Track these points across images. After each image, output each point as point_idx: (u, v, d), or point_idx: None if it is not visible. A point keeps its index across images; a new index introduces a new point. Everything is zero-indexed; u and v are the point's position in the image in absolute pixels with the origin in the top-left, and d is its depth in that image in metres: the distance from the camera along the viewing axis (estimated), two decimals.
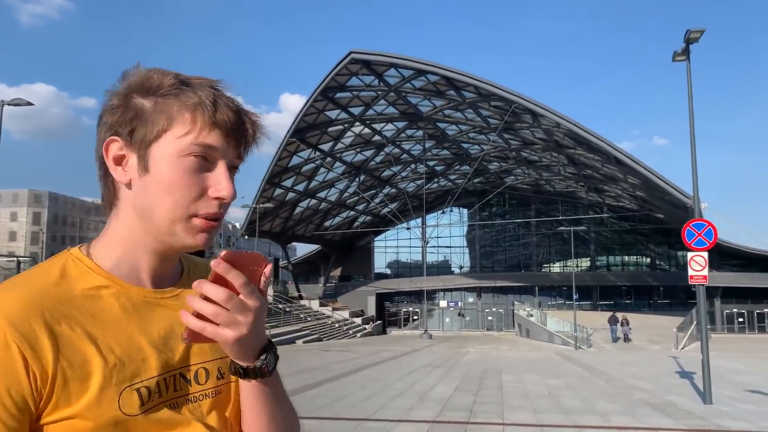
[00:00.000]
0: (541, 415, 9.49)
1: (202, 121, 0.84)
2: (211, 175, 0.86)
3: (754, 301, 48.89)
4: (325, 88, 37.41)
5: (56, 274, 0.84)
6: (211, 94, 0.86)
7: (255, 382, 0.88)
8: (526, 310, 50.49)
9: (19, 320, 0.75)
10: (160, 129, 0.84)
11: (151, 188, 0.85)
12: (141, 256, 0.89)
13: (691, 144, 12.86)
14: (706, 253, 11.71)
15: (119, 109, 0.86)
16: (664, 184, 33.18)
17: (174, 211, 0.85)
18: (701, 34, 12.46)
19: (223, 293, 0.78)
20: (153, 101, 0.85)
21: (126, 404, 0.79)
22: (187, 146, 0.84)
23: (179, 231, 0.86)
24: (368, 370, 17.07)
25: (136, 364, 0.83)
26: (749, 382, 14.37)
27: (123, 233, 0.89)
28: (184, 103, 0.85)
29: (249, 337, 0.81)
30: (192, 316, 0.79)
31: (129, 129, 0.85)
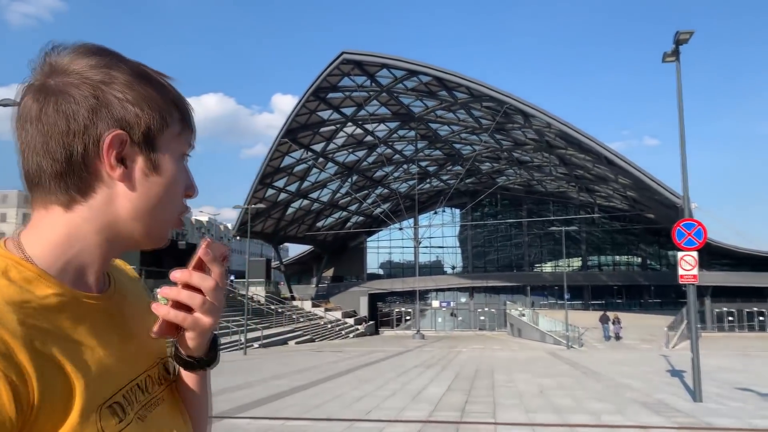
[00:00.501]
0: (533, 415, 9.54)
1: (187, 120, 0.83)
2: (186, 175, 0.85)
3: (743, 300, 49.31)
4: (317, 89, 37.39)
5: (4, 283, 0.69)
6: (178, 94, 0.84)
7: (199, 373, 0.90)
8: (518, 310, 50.66)
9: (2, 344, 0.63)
10: (163, 125, 0.79)
11: (157, 188, 0.79)
12: (92, 258, 0.78)
13: (680, 144, 12.96)
14: (696, 253, 11.81)
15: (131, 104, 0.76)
16: (655, 184, 33.39)
17: (171, 211, 0.82)
18: (690, 35, 12.57)
19: (210, 281, 0.78)
20: (157, 100, 0.78)
21: (106, 425, 0.70)
22: (182, 146, 0.83)
23: (164, 231, 0.83)
24: (361, 370, 17.08)
25: (105, 379, 0.73)
26: (738, 380, 14.50)
27: (79, 231, 0.77)
28: (173, 99, 0.81)
29: (217, 325, 0.82)
30: (169, 307, 0.78)
31: (133, 121, 0.76)
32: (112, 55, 0.79)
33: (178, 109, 0.81)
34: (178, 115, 0.81)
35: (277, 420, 8.96)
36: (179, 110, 0.82)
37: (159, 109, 0.78)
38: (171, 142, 0.81)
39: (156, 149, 0.79)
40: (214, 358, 0.89)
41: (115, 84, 0.76)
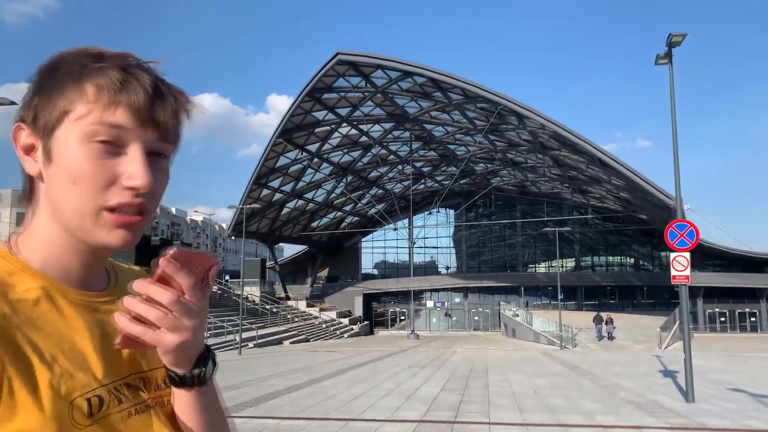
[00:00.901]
0: (527, 414, 9.59)
1: (105, 98, 0.73)
2: (123, 161, 0.75)
3: (735, 301, 49.58)
4: (312, 89, 37.40)
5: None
6: (120, 67, 0.75)
7: (190, 390, 0.81)
8: (512, 310, 50.78)
9: None
10: (61, 111, 0.74)
11: (56, 179, 0.74)
12: (68, 256, 0.78)
13: (673, 146, 13.06)
14: (688, 254, 11.89)
15: (27, 95, 0.77)
16: (647, 185, 33.57)
17: (80, 204, 0.74)
18: (683, 38, 12.66)
19: (170, 296, 0.71)
20: (56, 80, 0.75)
21: (77, 415, 0.69)
22: (90, 128, 0.73)
23: (89, 227, 0.75)
24: (355, 370, 17.11)
25: (82, 372, 0.73)
26: (730, 380, 14.60)
27: (45, 230, 0.78)
28: (88, 79, 0.74)
29: (190, 343, 0.75)
30: (129, 319, 0.72)
31: (33, 114, 0.76)
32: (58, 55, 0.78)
33: (89, 90, 0.74)
34: (92, 97, 0.74)
35: (271, 419, 8.98)
36: (89, 87, 0.74)
37: (55, 96, 0.74)
38: (72, 126, 0.73)
39: (51, 136, 0.74)
40: (199, 379, 0.80)
41: (32, 81, 0.77)
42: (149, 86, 0.75)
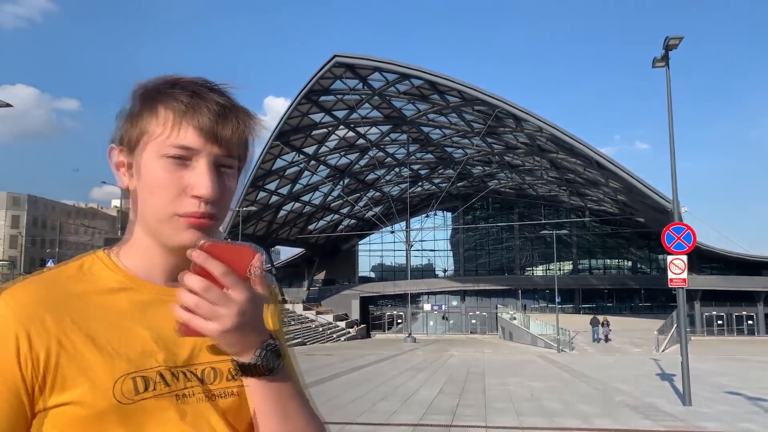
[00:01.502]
0: (524, 418, 9.55)
1: (175, 122, 0.85)
2: (191, 174, 0.86)
3: (732, 304, 49.62)
4: (309, 92, 37.37)
5: (73, 271, 0.89)
6: (190, 92, 0.86)
7: (259, 380, 0.86)
8: (509, 313, 50.77)
9: (20, 309, 0.80)
10: (141, 132, 0.87)
11: (140, 191, 0.88)
12: (152, 256, 0.92)
13: (670, 148, 13.05)
14: (685, 257, 11.87)
15: (118, 119, 0.91)
16: (645, 188, 33.60)
17: (157, 211, 0.86)
18: (680, 41, 12.67)
19: (200, 283, 0.77)
20: (139, 105, 0.88)
21: (120, 392, 0.80)
22: (163, 148, 0.85)
23: (165, 230, 0.87)
24: (352, 374, 17.04)
25: (136, 356, 0.84)
26: (728, 383, 14.57)
27: (135, 235, 0.93)
28: (161, 104, 0.86)
29: (237, 330, 0.79)
30: (181, 308, 0.79)
31: (120, 135, 0.90)
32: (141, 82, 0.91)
33: (162, 113, 0.86)
34: (163, 118, 0.86)
35: None
36: (164, 112, 0.86)
37: (136, 119, 0.88)
38: (149, 146, 0.87)
39: (134, 154, 0.89)
40: (257, 366, 0.84)
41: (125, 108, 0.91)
42: (215, 108, 0.86)
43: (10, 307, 0.81)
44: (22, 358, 0.79)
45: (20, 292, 0.83)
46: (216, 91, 0.88)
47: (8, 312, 0.80)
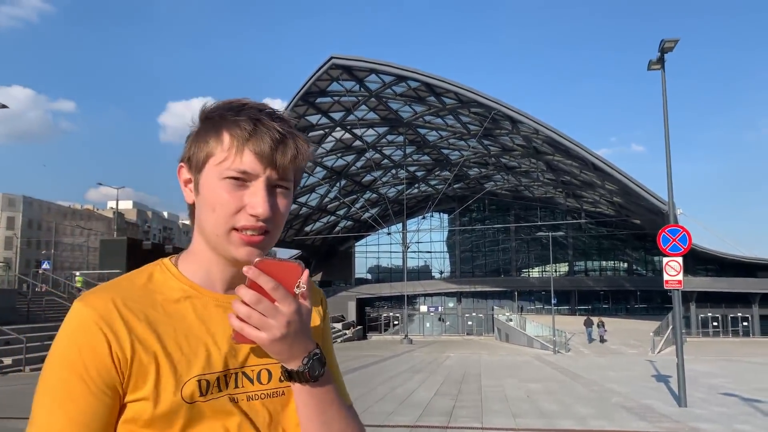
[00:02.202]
0: (520, 419, 9.57)
1: (236, 147, 0.93)
2: (249, 193, 0.94)
3: (727, 306, 49.78)
4: (305, 93, 37.37)
5: (144, 279, 0.98)
6: (253, 119, 0.94)
7: (303, 386, 0.94)
8: (506, 315, 50.79)
9: (105, 312, 0.89)
10: (206, 155, 0.95)
11: (202, 207, 0.97)
12: (212, 266, 1.00)
13: (666, 151, 13.10)
14: (681, 259, 11.91)
15: (187, 139, 1.00)
16: (641, 190, 33.71)
17: (216, 226, 0.94)
18: (675, 43, 12.73)
19: (252, 296, 0.87)
20: (206, 128, 0.96)
21: (187, 393, 0.90)
22: (225, 171, 0.93)
23: (224, 244, 0.95)
24: (348, 375, 17.03)
25: (200, 360, 0.93)
26: (723, 385, 14.62)
27: (197, 246, 1.01)
28: (226, 129, 0.94)
29: (284, 340, 0.88)
30: (235, 317, 0.88)
31: (188, 155, 0.99)
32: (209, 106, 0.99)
33: (222, 136, 0.94)
34: (223, 143, 0.94)
35: None
36: (225, 136, 0.94)
37: (203, 142, 0.96)
38: (213, 168, 0.94)
39: (199, 173, 0.97)
40: (302, 374, 0.92)
41: (194, 129, 1.00)
42: (276, 136, 0.94)
43: (95, 309, 0.89)
44: (114, 354, 0.88)
45: (99, 297, 0.92)
46: (277, 119, 0.96)
47: (93, 313, 0.89)
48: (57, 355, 0.88)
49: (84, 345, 0.87)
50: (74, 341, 0.88)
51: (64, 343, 0.89)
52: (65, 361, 0.87)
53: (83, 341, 0.88)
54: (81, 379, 0.86)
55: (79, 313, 0.90)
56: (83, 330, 0.88)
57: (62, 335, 0.90)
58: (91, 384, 0.86)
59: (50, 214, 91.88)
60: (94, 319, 0.88)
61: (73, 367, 0.87)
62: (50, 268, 40.26)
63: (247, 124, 0.93)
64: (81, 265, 77.90)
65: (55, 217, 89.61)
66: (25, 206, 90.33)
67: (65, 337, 0.89)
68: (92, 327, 0.88)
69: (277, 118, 0.97)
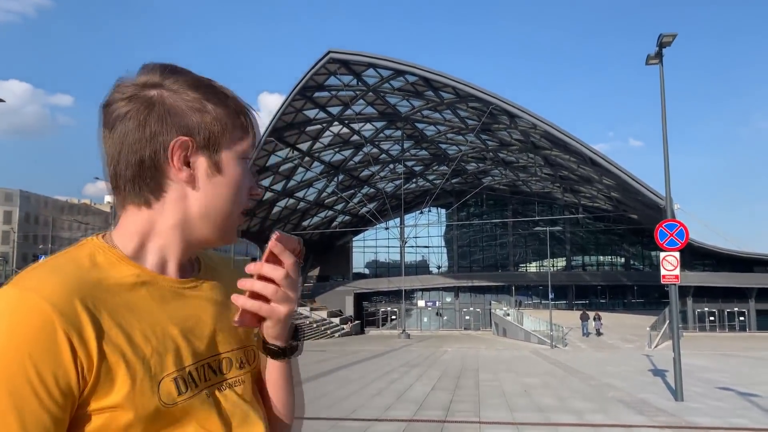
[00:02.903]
0: (517, 413, 9.59)
1: (247, 126, 0.92)
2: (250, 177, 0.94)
3: (724, 301, 49.98)
4: (303, 87, 37.25)
5: (87, 262, 0.82)
6: (246, 107, 0.94)
7: (282, 361, 0.96)
8: (503, 310, 50.89)
9: (64, 306, 0.73)
10: (222, 129, 0.89)
11: (220, 188, 0.89)
12: (172, 250, 0.90)
13: (663, 146, 13.11)
14: (678, 253, 11.93)
15: (194, 112, 0.87)
16: (638, 185, 33.73)
17: (234, 209, 0.91)
18: (673, 38, 12.71)
19: (281, 272, 0.85)
20: (218, 107, 0.89)
21: (165, 394, 0.79)
22: (244, 150, 0.91)
23: (230, 227, 0.92)
24: (346, 369, 17.06)
25: (171, 354, 0.83)
26: (719, 379, 14.69)
27: (157, 226, 0.88)
28: (236, 108, 0.91)
29: (294, 313, 0.90)
30: (247, 297, 0.85)
31: (196, 128, 0.87)
32: (177, 70, 0.90)
33: (239, 116, 0.91)
34: (240, 122, 0.91)
35: None
36: (240, 117, 0.91)
37: (219, 115, 0.88)
38: (232, 145, 0.90)
39: (218, 152, 0.89)
40: (296, 347, 0.96)
41: (180, 94, 0.87)
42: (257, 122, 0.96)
43: (46, 299, 0.73)
44: (78, 359, 0.73)
45: (50, 283, 0.75)
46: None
47: (45, 305, 0.72)
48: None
49: (38, 349, 0.70)
50: (24, 342, 0.70)
51: (7, 343, 0.70)
52: (11, 368, 0.69)
53: (37, 344, 0.70)
54: (32, 392, 0.70)
55: (23, 304, 0.72)
56: (34, 328, 0.71)
57: (3, 332, 0.70)
58: (45, 398, 0.70)
59: (47, 209, 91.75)
60: (48, 313, 0.72)
61: (20, 377, 0.69)
62: None
63: (242, 105, 0.93)
64: None
65: (53, 211, 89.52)
66: (23, 201, 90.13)
67: (9, 335, 0.70)
68: (46, 324, 0.71)
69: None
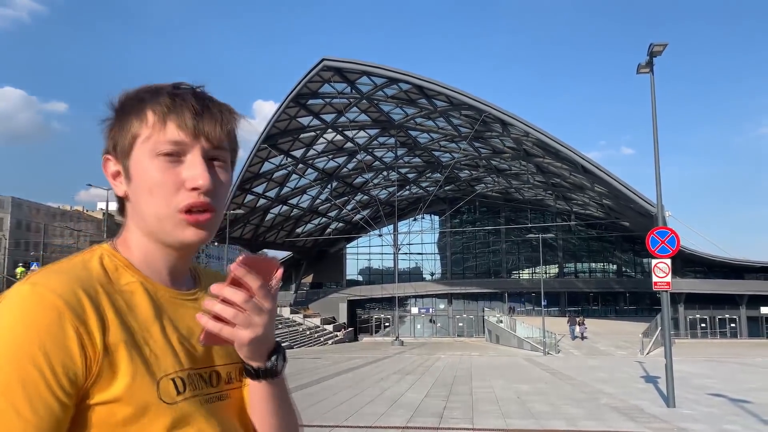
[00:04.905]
0: (510, 420, 9.62)
1: (161, 120, 0.89)
2: (185, 168, 0.89)
3: (715, 307, 50.18)
4: (297, 95, 37.35)
5: (96, 265, 0.89)
6: (170, 92, 0.91)
7: (264, 382, 0.93)
8: (496, 317, 50.94)
9: (73, 300, 0.80)
10: (132, 137, 0.90)
11: (137, 193, 0.90)
12: (155, 259, 0.94)
13: (654, 153, 13.23)
14: (669, 260, 12.01)
15: (105, 129, 0.94)
16: (630, 192, 33.94)
17: (158, 209, 0.89)
18: (664, 47, 12.86)
19: (242, 296, 0.83)
20: (125, 113, 0.91)
21: (164, 393, 0.84)
22: (154, 146, 0.89)
23: (168, 228, 0.90)
24: (339, 377, 17.03)
25: (169, 357, 0.87)
26: (711, 385, 14.76)
27: (137, 239, 0.94)
28: (148, 107, 0.90)
29: (262, 338, 0.86)
30: (209, 318, 0.84)
31: (113, 144, 0.93)
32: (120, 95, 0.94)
33: (149, 113, 0.90)
34: (151, 119, 0.90)
35: None
36: (150, 113, 0.90)
37: (124, 124, 0.91)
38: (142, 147, 0.90)
39: (128, 159, 0.91)
40: (272, 370, 0.92)
41: (110, 119, 0.94)
42: (195, 105, 0.90)
43: (57, 295, 0.79)
44: (86, 350, 0.78)
45: (60, 281, 0.81)
46: (194, 91, 0.93)
47: (57, 300, 0.78)
48: (11, 349, 0.75)
49: (47, 340, 0.76)
50: (34, 335, 0.75)
51: (19, 335, 0.75)
52: (21, 359, 0.74)
53: (47, 335, 0.76)
54: (42, 380, 0.75)
55: (36, 299, 0.78)
56: (45, 321, 0.76)
57: (16, 326, 0.76)
58: (55, 386, 0.75)
59: (39, 215, 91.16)
60: (59, 307, 0.78)
61: (32, 367, 0.75)
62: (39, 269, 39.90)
63: (166, 98, 0.90)
64: None
65: (44, 218, 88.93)
66: (14, 207, 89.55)
67: (22, 327, 0.76)
68: (56, 318, 0.77)
69: (197, 89, 0.94)
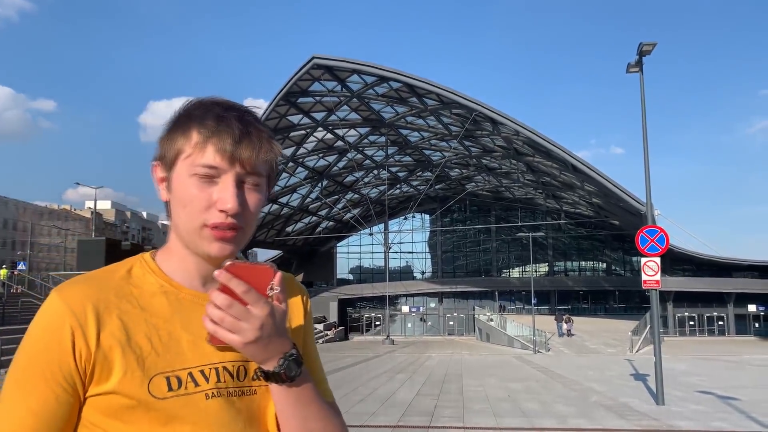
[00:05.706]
0: (501, 419, 9.62)
1: (203, 142, 0.94)
2: (218, 189, 0.94)
3: (704, 305, 50.57)
4: (287, 93, 37.19)
5: (123, 272, 1.00)
6: (218, 116, 0.95)
7: (280, 386, 0.94)
8: (487, 315, 51.05)
9: (77, 305, 0.91)
10: (176, 152, 0.97)
11: (174, 204, 0.98)
12: (188, 263, 1.01)
13: (644, 152, 13.29)
14: (658, 259, 12.07)
15: (160, 136, 1.01)
16: (619, 191, 34.10)
17: (187, 223, 0.96)
18: (653, 47, 12.91)
19: (223, 299, 0.87)
20: (177, 127, 0.98)
21: (155, 388, 0.90)
22: (191, 167, 0.95)
23: (196, 240, 0.96)
24: (330, 376, 16.93)
25: (172, 355, 0.93)
26: (699, 383, 14.85)
27: (173, 243, 1.02)
28: (194, 126, 0.96)
29: (257, 342, 0.88)
30: (209, 320, 0.88)
31: (162, 153, 1.00)
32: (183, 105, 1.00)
33: (194, 135, 0.95)
34: (194, 139, 0.95)
35: None
36: (195, 133, 0.95)
37: (173, 140, 0.97)
38: (183, 164, 0.96)
39: (172, 171, 0.98)
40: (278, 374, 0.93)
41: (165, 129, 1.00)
42: (237, 132, 0.94)
43: (65, 302, 0.91)
44: (76, 349, 0.89)
45: (74, 289, 0.93)
46: (240, 114, 0.97)
47: (63, 306, 0.90)
48: (26, 346, 0.90)
49: (50, 340, 0.89)
50: (42, 335, 0.90)
51: (34, 334, 0.91)
52: (30, 354, 0.89)
53: (49, 336, 0.89)
54: (42, 374, 0.88)
55: (51, 305, 0.92)
56: (52, 324, 0.90)
57: (34, 326, 0.91)
58: (51, 380, 0.88)
59: (26, 214, 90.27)
60: (63, 312, 0.90)
61: (37, 362, 0.88)
62: (26, 269, 39.51)
63: (211, 120, 0.94)
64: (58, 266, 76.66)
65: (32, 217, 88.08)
66: (0, 206, 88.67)
67: (37, 328, 0.91)
68: (59, 321, 0.89)
69: (245, 114, 0.98)
